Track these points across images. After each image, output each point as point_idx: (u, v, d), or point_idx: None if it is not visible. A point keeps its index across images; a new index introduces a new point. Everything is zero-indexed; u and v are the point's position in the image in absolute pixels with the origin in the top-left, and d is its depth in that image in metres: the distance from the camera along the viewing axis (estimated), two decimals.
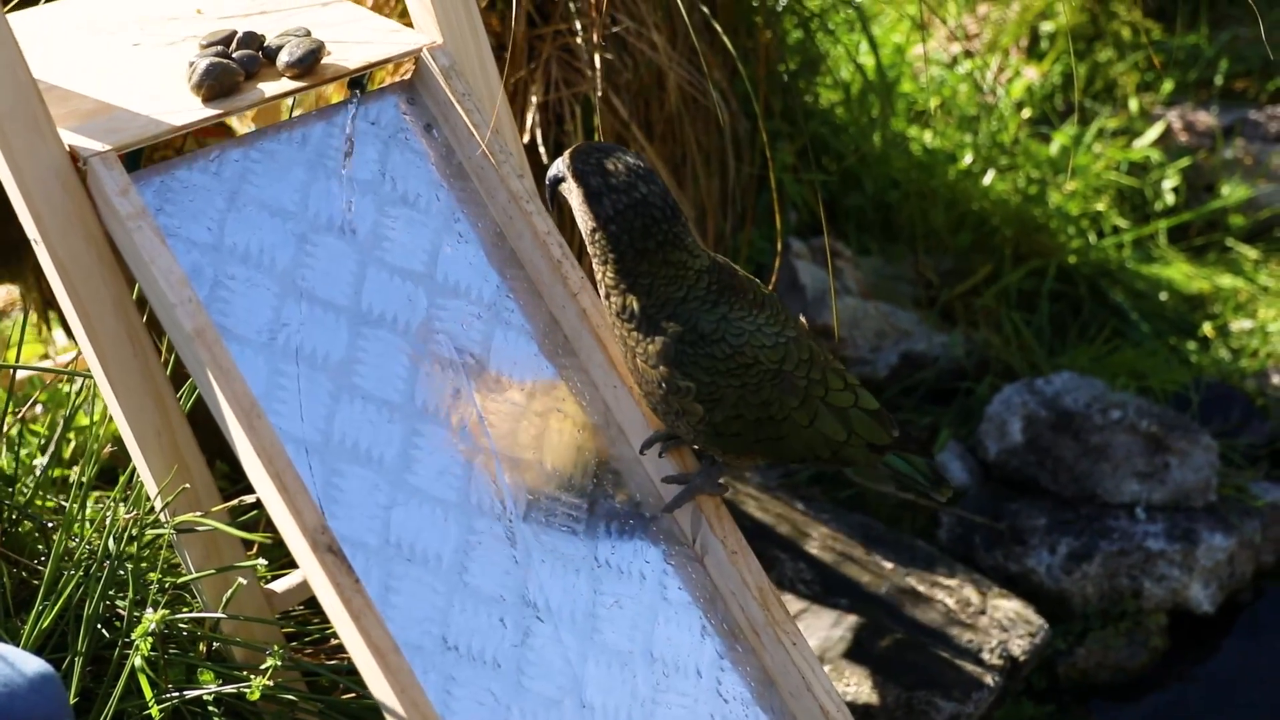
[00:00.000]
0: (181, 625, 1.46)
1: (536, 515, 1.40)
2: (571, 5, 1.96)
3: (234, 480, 1.75)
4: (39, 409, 2.12)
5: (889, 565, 1.94)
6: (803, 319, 1.44)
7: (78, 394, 1.70)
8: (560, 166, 1.35)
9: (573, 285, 1.47)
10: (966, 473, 2.14)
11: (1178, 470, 2.05)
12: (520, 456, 1.42)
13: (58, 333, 2.37)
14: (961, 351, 2.29)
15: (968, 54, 2.89)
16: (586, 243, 1.35)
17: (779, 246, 1.97)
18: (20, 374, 2.14)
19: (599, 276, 1.36)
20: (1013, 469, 2.11)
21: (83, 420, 1.94)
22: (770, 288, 1.43)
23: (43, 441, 1.95)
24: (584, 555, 1.41)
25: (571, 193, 1.34)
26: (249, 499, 1.35)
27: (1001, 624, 1.87)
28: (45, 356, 2.37)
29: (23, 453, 1.87)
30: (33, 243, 1.33)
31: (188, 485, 1.37)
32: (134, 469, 1.44)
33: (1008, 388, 2.16)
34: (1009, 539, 2.03)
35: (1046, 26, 2.90)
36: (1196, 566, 1.99)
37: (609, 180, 1.30)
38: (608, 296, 1.36)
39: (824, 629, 1.82)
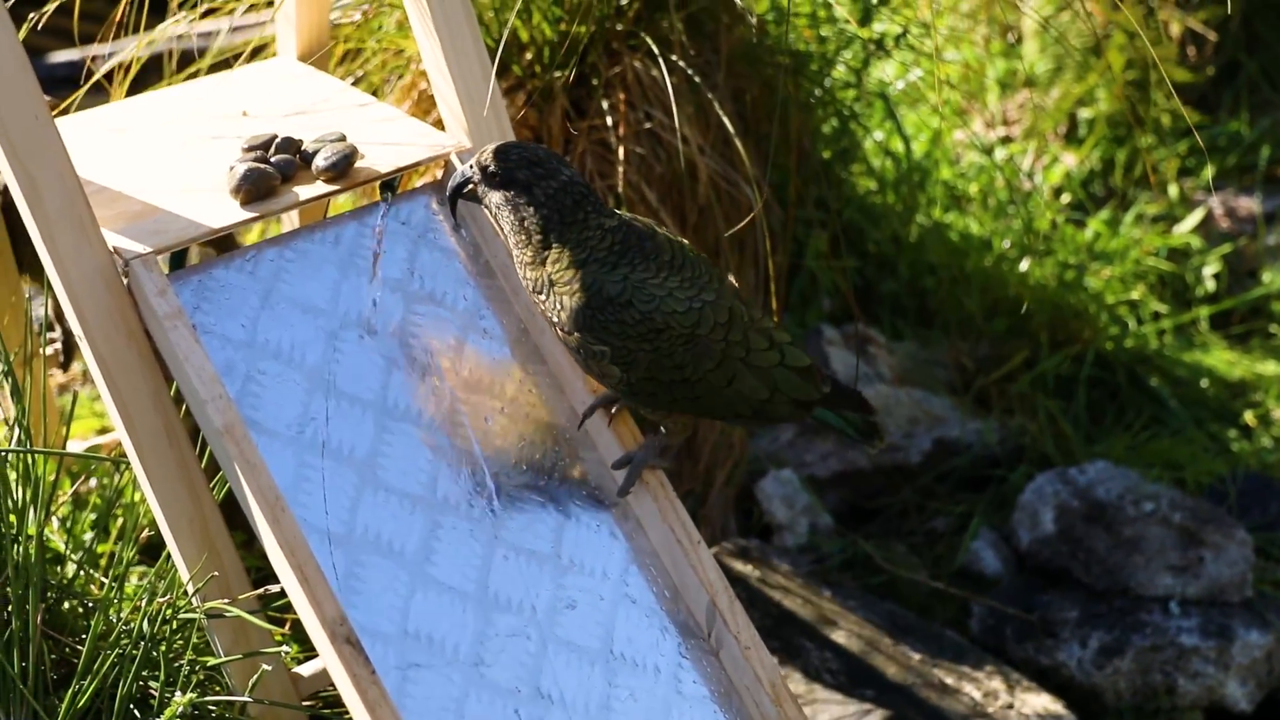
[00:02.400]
0: (210, 707, 1.50)
1: (555, 607, 1.43)
2: (604, 102, 2.02)
3: None
4: (93, 482, 2.19)
5: (917, 656, 1.93)
6: (731, 279, 1.47)
7: (122, 474, 1.76)
8: (468, 171, 1.43)
9: (592, 383, 1.51)
10: (1000, 561, 2.13)
11: (1212, 564, 2.03)
12: (539, 549, 1.45)
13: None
14: (995, 439, 2.29)
15: (1006, 140, 2.91)
16: (508, 232, 1.42)
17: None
18: (75, 449, 2.22)
19: (517, 261, 1.43)
20: (1045, 559, 2.10)
21: (130, 496, 2.01)
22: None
23: (94, 518, 2.02)
24: (599, 648, 1.43)
25: (491, 191, 1.42)
26: (275, 588, 1.39)
27: (1029, 719, 1.85)
28: (103, 430, 2.45)
29: (75, 528, 1.94)
30: (76, 338, 1.40)
31: (217, 573, 1.42)
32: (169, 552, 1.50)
33: (1040, 477, 2.16)
34: (1040, 631, 2.02)
35: (1085, 113, 2.92)
36: (1232, 664, 1.97)
37: (535, 170, 1.39)
38: (525, 276, 1.43)
39: None
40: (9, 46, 1.30)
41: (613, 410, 1.49)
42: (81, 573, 1.69)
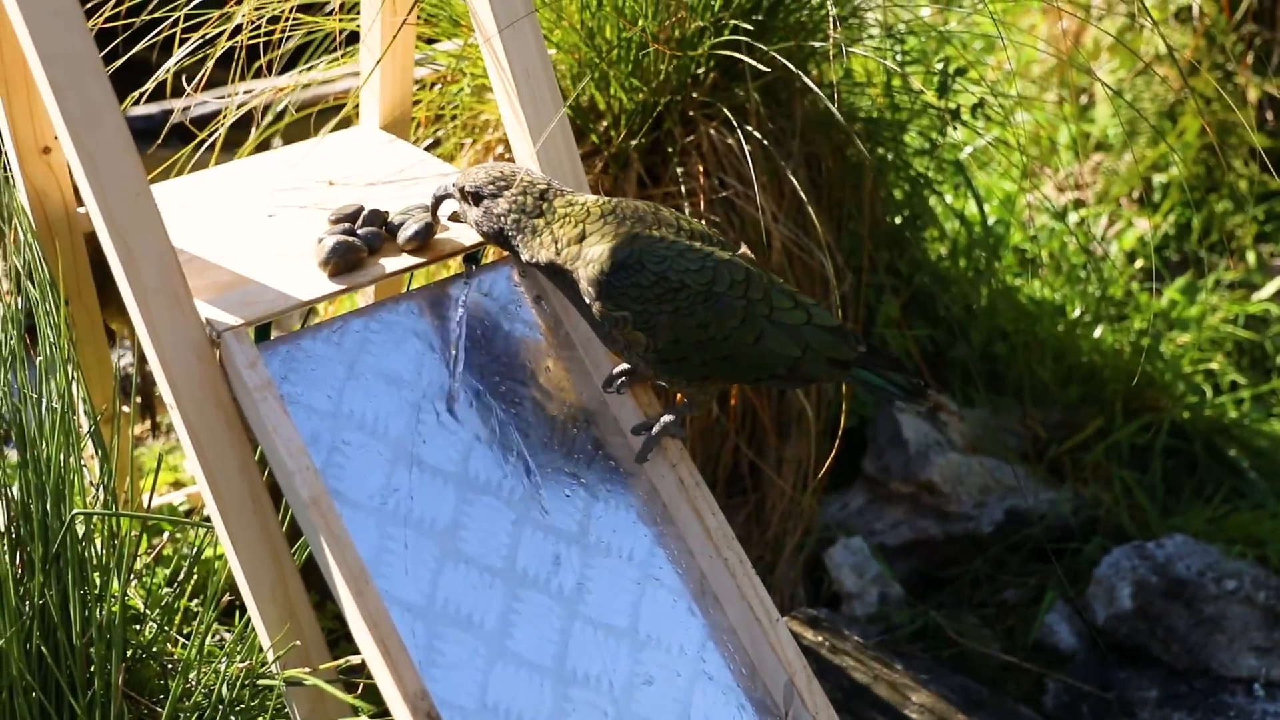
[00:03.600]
0: None
1: (632, 682, 1.43)
2: (679, 169, 2.04)
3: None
4: (165, 536, 2.22)
5: None
6: (745, 249, 1.49)
7: (200, 532, 1.78)
8: (447, 187, 1.53)
9: (671, 455, 1.51)
10: (1074, 636, 2.10)
11: None
12: (617, 624, 1.45)
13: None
14: (1069, 509, 2.25)
15: (1078, 204, 2.89)
16: (490, 240, 1.51)
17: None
18: (154, 502, 2.25)
19: (525, 258, 1.49)
20: (1122, 636, 2.06)
21: (209, 554, 2.03)
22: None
23: (170, 572, 2.04)
24: None
25: (469, 210, 1.50)
26: (355, 660, 1.40)
27: None
28: (177, 484, 2.49)
29: (151, 581, 1.96)
30: (167, 406, 1.42)
31: (299, 642, 1.43)
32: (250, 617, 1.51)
33: (1117, 550, 2.12)
34: (1118, 710, 1.97)
35: (1159, 178, 2.89)
36: None
37: (497, 184, 1.48)
38: (532, 263, 1.49)
39: None
40: (114, 126, 1.34)
41: (619, 381, 1.52)
42: (161, 634, 1.71)
